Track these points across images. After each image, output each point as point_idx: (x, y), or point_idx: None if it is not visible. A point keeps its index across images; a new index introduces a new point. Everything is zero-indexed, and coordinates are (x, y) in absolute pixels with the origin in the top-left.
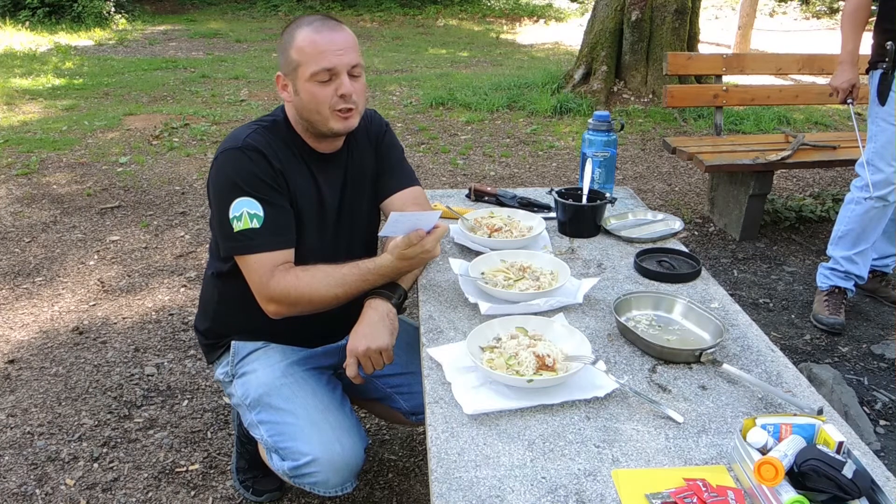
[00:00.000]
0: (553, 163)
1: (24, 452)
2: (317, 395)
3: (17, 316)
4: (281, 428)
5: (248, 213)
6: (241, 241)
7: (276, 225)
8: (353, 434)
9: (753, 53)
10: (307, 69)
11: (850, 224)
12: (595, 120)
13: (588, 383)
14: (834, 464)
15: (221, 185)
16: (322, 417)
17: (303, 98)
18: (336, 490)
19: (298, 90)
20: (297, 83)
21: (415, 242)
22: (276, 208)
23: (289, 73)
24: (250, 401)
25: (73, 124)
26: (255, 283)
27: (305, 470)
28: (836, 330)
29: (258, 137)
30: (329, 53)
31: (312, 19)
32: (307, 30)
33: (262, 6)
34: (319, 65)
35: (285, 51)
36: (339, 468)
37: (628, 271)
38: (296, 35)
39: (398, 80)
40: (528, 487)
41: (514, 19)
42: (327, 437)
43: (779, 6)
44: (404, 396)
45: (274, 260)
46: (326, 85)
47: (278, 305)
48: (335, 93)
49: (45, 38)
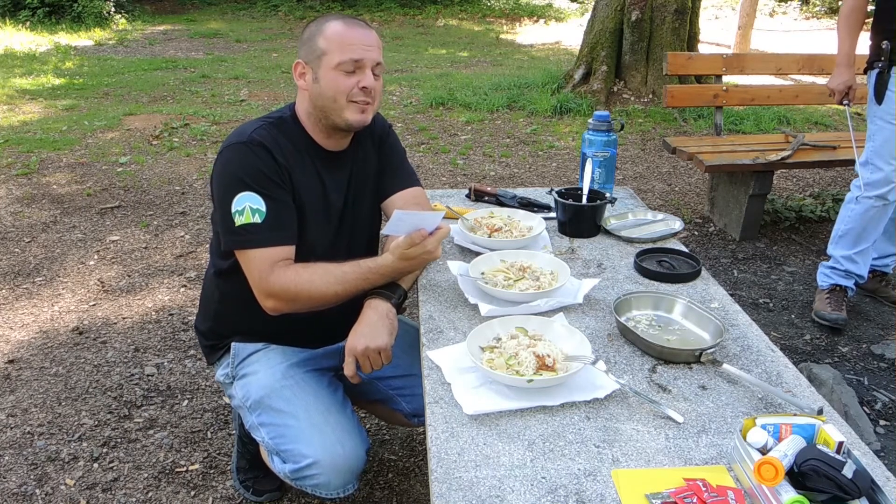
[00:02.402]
0: (553, 163)
1: (24, 452)
2: (318, 396)
3: (17, 316)
4: (282, 430)
5: (251, 207)
6: (242, 235)
7: (278, 220)
8: (355, 436)
9: (753, 53)
10: (334, 57)
11: (850, 223)
12: (595, 120)
13: (588, 383)
14: (834, 464)
15: (225, 179)
16: (323, 419)
17: (322, 85)
18: (338, 492)
19: (320, 77)
20: (319, 70)
21: (417, 242)
22: (278, 204)
23: (311, 60)
24: (251, 403)
25: (73, 124)
26: (255, 277)
27: (307, 472)
28: (839, 325)
29: (264, 133)
30: (358, 46)
31: (343, 16)
32: (338, 23)
33: (262, 6)
34: (347, 55)
35: (311, 40)
36: (341, 470)
37: (628, 271)
38: (325, 26)
39: (398, 80)
40: (528, 487)
41: (514, 19)
42: (329, 439)
43: (779, 6)
44: (406, 399)
45: (274, 255)
46: (350, 76)
47: (277, 301)
48: (357, 84)
49: (45, 38)
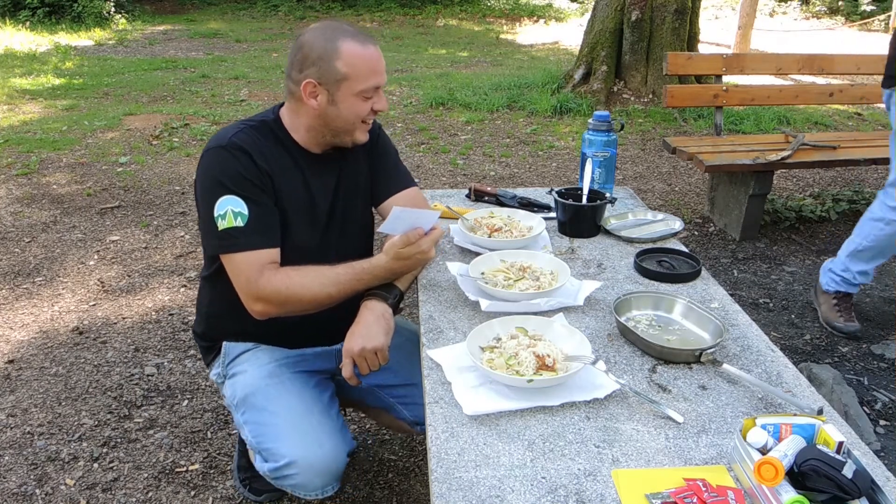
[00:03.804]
0: (553, 163)
1: (24, 452)
2: (302, 396)
3: (17, 316)
4: (263, 429)
5: (233, 211)
6: (225, 239)
7: (261, 224)
8: (336, 437)
9: (753, 53)
10: (358, 84)
11: (874, 242)
12: (595, 120)
13: (588, 383)
14: (834, 464)
15: (206, 184)
16: (303, 419)
17: (341, 109)
18: (317, 493)
19: (338, 101)
20: (337, 94)
21: (413, 241)
22: (261, 207)
23: (329, 83)
24: (237, 401)
25: (73, 124)
26: (241, 282)
27: (285, 472)
28: (856, 336)
29: (244, 137)
30: (378, 73)
31: (349, 30)
32: (353, 43)
33: (262, 6)
34: (371, 83)
35: (326, 60)
36: (320, 471)
37: (628, 271)
38: (341, 47)
39: (398, 80)
40: (528, 487)
41: (514, 19)
42: (307, 439)
43: (779, 6)
44: (408, 407)
45: (260, 259)
46: (368, 100)
47: (266, 305)
48: (371, 107)
49: (45, 38)
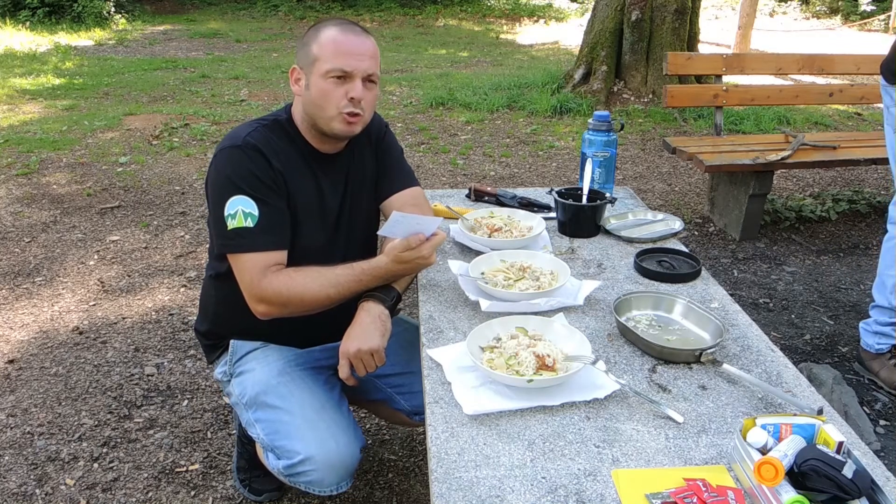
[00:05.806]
0: (553, 163)
1: (24, 452)
2: (313, 393)
3: (17, 316)
4: (276, 426)
5: (243, 211)
6: (234, 239)
7: (270, 225)
8: (349, 433)
9: (753, 53)
10: (324, 65)
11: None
12: (595, 120)
13: (588, 383)
14: (834, 464)
15: (218, 183)
16: (317, 416)
17: (312, 92)
18: (331, 489)
19: (310, 84)
20: (310, 77)
21: (414, 246)
22: (271, 208)
23: (305, 66)
24: (247, 399)
25: (73, 124)
26: (246, 282)
27: (300, 468)
28: None
29: (258, 136)
30: (350, 56)
31: (341, 21)
32: (334, 29)
33: (262, 6)
34: (336, 63)
35: (307, 45)
36: (335, 467)
37: (628, 271)
38: (321, 32)
39: (398, 80)
40: (528, 487)
41: (514, 19)
42: (322, 435)
43: (779, 6)
44: (405, 396)
45: (266, 260)
46: (339, 85)
47: (269, 306)
48: (345, 95)
49: (45, 38)
